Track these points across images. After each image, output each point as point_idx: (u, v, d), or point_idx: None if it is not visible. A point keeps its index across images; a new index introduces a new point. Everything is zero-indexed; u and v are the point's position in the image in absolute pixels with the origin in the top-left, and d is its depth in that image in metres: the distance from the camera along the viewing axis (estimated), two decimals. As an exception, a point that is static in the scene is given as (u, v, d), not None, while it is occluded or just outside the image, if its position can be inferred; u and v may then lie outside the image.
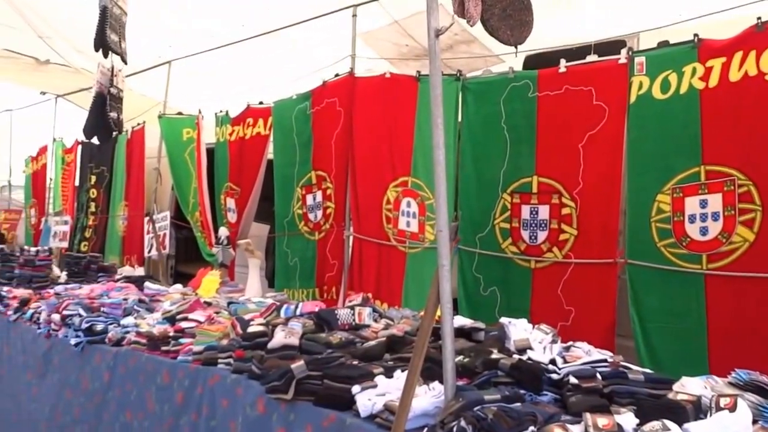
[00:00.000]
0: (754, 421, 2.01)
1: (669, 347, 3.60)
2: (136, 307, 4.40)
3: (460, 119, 4.49)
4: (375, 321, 3.45)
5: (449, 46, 5.55)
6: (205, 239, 6.68)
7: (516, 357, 2.56)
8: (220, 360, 3.25)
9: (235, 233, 6.25)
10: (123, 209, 7.88)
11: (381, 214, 4.95)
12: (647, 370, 2.61)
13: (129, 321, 4.15)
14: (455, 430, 2.10)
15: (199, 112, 6.83)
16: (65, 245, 8.27)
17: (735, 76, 3.42)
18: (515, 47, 2.75)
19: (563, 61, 4.05)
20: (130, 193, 7.82)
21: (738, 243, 3.41)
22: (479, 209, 4.36)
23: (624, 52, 3.83)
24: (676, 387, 2.31)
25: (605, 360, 2.50)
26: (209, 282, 4.71)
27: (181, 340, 3.62)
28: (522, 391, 2.31)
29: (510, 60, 4.49)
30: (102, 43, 5.30)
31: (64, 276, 6.10)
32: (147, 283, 5.05)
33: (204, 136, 6.77)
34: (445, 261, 2.34)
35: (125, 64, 5.77)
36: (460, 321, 3.02)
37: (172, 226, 7.07)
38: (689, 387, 2.28)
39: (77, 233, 8.46)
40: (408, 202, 4.80)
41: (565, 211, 4.02)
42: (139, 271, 6.22)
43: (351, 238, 5.20)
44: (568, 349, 2.75)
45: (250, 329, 3.31)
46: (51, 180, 9.42)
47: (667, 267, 3.61)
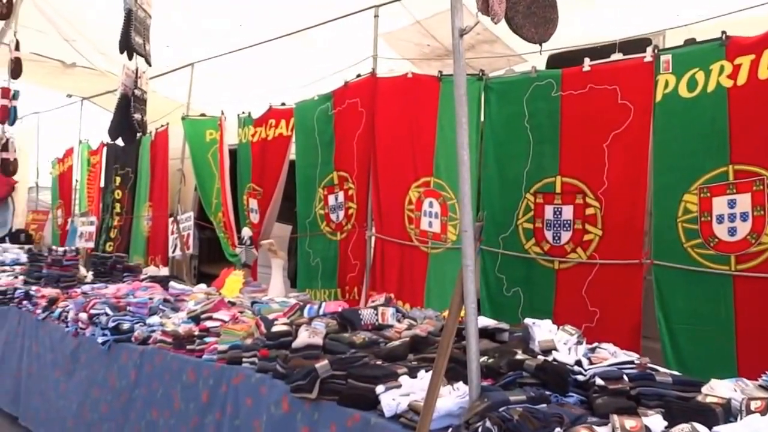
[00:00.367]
0: (786, 425, 1.98)
1: (696, 349, 3.55)
2: (161, 307, 4.46)
3: (482, 119, 4.47)
4: (398, 321, 3.46)
5: (471, 45, 5.52)
6: (228, 239, 6.74)
7: (541, 358, 2.55)
8: (244, 359, 3.28)
9: (258, 234, 6.30)
10: (147, 210, 7.99)
11: (403, 214, 4.95)
12: (675, 372, 2.57)
13: (155, 320, 4.21)
14: (480, 430, 2.10)
15: (222, 113, 6.90)
16: (91, 245, 8.40)
17: (764, 73, 3.35)
18: (540, 45, 2.71)
19: (587, 60, 4.01)
20: (154, 194, 7.93)
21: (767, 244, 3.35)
22: (502, 209, 4.34)
23: (649, 50, 3.78)
24: (704, 389, 2.28)
25: (632, 362, 2.48)
26: (233, 282, 4.75)
27: (206, 339, 3.67)
28: (547, 393, 2.29)
29: (533, 59, 4.46)
30: (127, 46, 5.35)
31: (90, 276, 6.20)
32: (172, 283, 5.11)
33: (227, 137, 6.84)
34: (470, 261, 2.33)
35: (149, 66, 5.82)
36: (483, 321, 3.02)
37: (195, 226, 7.14)
38: (718, 389, 2.25)
39: (103, 233, 8.59)
40: (430, 202, 4.80)
41: (590, 212, 3.98)
42: (164, 271, 6.30)
43: (373, 238, 5.20)
44: (593, 351, 2.73)
45: (274, 329, 3.34)
46: (77, 181, 9.57)
47: (695, 268, 3.56)
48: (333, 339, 3.15)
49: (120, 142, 6.91)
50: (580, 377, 2.41)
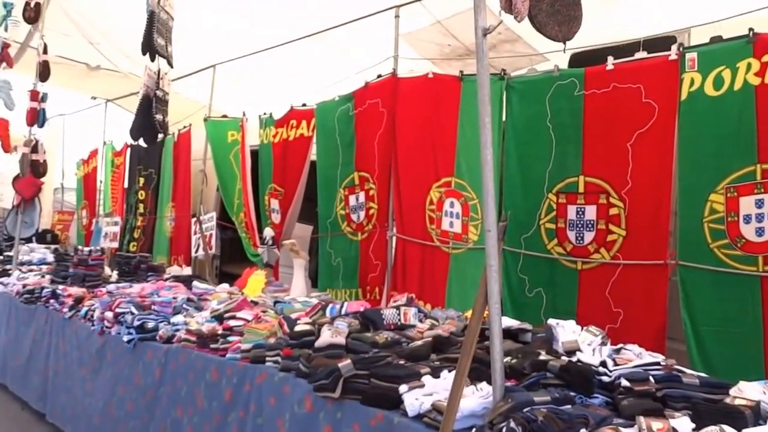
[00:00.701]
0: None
1: (723, 351, 3.49)
2: (185, 306, 4.51)
3: (504, 119, 4.45)
4: (420, 321, 3.45)
5: (493, 45, 5.50)
6: (250, 240, 6.79)
7: (565, 359, 2.53)
8: (267, 358, 3.30)
9: (279, 234, 6.34)
10: (170, 210, 8.08)
11: (424, 214, 4.95)
12: (701, 374, 2.54)
13: (179, 319, 4.26)
14: (504, 431, 2.09)
15: (243, 114, 6.95)
16: (115, 245, 8.52)
17: (793, 71, 3.30)
18: (563, 43, 2.69)
19: (611, 59, 3.97)
20: (177, 195, 8.02)
21: (796, 244, 3.29)
22: (524, 209, 4.31)
23: (674, 48, 3.74)
24: (732, 392, 2.25)
25: (658, 363, 2.45)
26: (255, 281, 4.79)
27: (230, 338, 3.70)
28: (572, 393, 2.28)
29: (555, 58, 4.43)
30: (149, 47, 5.42)
31: (115, 275, 6.29)
32: (195, 283, 5.17)
33: (248, 138, 6.89)
34: (493, 261, 2.32)
35: (171, 67, 5.89)
36: (506, 322, 3.00)
37: (217, 226, 7.21)
38: (747, 392, 2.21)
39: (126, 234, 8.71)
40: (451, 202, 4.79)
41: (613, 212, 3.94)
42: (187, 271, 6.36)
43: (394, 238, 5.21)
44: (618, 352, 2.70)
45: (296, 328, 3.36)
46: (101, 182, 9.73)
47: (721, 269, 3.50)
48: (355, 338, 3.15)
49: (142, 142, 7.02)
50: (605, 378, 2.39)
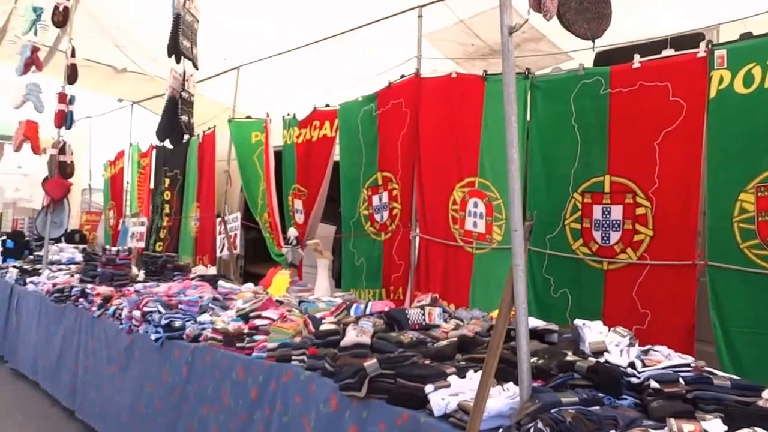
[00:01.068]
0: None
1: (753, 353, 3.43)
2: (211, 305, 4.56)
3: (528, 118, 4.43)
4: (445, 321, 3.45)
5: (517, 44, 5.42)
6: (274, 239, 6.84)
7: (592, 360, 2.51)
8: (293, 357, 3.33)
9: (303, 234, 6.38)
10: (195, 210, 8.17)
11: (447, 214, 4.94)
12: (732, 376, 2.50)
13: (205, 318, 4.31)
14: (532, 431, 2.08)
15: (267, 115, 7.00)
16: (142, 245, 8.64)
17: (825, 67, 3.23)
18: (593, 41, 2.66)
19: (637, 57, 3.92)
20: (201, 195, 8.11)
21: (829, 244, 3.23)
22: (549, 209, 4.28)
23: (703, 45, 3.68)
24: (765, 394, 2.21)
25: (687, 365, 2.42)
26: (279, 281, 4.82)
27: (255, 337, 3.73)
28: (600, 395, 2.26)
29: (579, 57, 4.39)
30: (175, 49, 5.50)
31: (142, 274, 6.39)
32: (220, 282, 5.21)
33: (272, 138, 6.94)
34: (520, 260, 2.31)
35: (196, 69, 5.96)
36: (532, 322, 2.97)
37: (241, 226, 7.27)
38: (780, 394, 2.17)
39: (152, 234, 8.83)
40: (475, 202, 4.77)
41: (640, 211, 3.90)
42: (212, 271, 6.43)
43: (417, 238, 5.21)
44: (646, 353, 2.68)
45: (322, 327, 3.37)
46: (128, 183, 9.88)
47: (752, 269, 3.44)
48: (381, 338, 3.16)
49: (167, 143, 7.12)
50: (633, 380, 2.37)
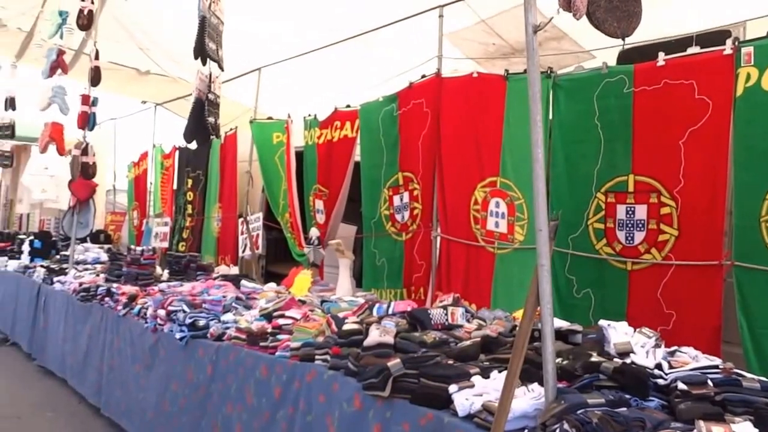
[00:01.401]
0: None
1: (782, 355, 3.38)
2: (234, 304, 4.60)
3: (551, 117, 4.40)
4: (467, 321, 3.44)
5: (539, 43, 5.40)
6: (295, 239, 6.88)
7: (618, 361, 2.49)
8: (317, 356, 3.35)
9: (324, 234, 6.40)
10: (217, 211, 8.25)
11: (469, 214, 4.93)
12: (762, 378, 2.46)
13: (229, 317, 4.35)
14: (558, 432, 2.07)
15: (288, 116, 7.05)
16: (165, 245, 8.76)
17: None
18: (623, 40, 2.63)
19: (662, 54, 3.88)
20: (223, 196, 8.19)
21: None
22: (572, 209, 4.25)
23: (729, 42, 3.63)
24: (796, 397, 2.18)
25: (716, 366, 2.39)
26: (301, 281, 4.85)
27: (279, 336, 3.76)
28: (627, 396, 2.24)
29: (602, 55, 4.35)
30: (201, 52, 5.57)
31: (166, 274, 6.47)
32: (243, 282, 5.26)
33: (293, 139, 6.98)
34: (545, 260, 2.30)
35: (222, 70, 6.03)
36: (556, 323, 2.94)
37: (263, 226, 7.33)
38: (812, 397, 2.14)
39: (176, 234, 8.94)
40: (496, 202, 4.76)
41: (665, 211, 3.85)
42: (234, 270, 6.49)
43: (438, 238, 5.20)
44: (672, 354, 2.65)
45: (345, 327, 3.39)
46: (151, 184, 10.01)
47: (780, 270, 3.39)
48: (404, 338, 3.16)
49: (194, 144, 7.22)
50: (660, 381, 2.34)
